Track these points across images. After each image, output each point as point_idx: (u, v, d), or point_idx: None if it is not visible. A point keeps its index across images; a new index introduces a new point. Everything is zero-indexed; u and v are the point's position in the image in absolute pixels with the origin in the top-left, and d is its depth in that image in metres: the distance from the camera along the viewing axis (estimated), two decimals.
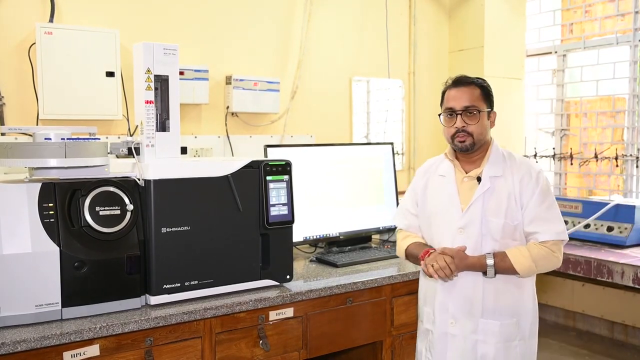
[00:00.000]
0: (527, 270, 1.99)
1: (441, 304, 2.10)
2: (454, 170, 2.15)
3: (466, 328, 2.06)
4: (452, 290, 2.08)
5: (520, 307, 2.08)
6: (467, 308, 2.06)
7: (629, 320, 4.02)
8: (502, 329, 2.04)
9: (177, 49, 2.11)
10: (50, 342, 1.72)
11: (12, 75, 2.75)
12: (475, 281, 2.05)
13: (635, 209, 3.21)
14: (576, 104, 4.32)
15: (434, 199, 2.18)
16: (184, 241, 2.02)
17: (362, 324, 2.43)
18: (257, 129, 3.51)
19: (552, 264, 2.04)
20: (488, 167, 2.07)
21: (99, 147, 1.93)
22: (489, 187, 2.05)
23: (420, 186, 2.25)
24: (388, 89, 4.21)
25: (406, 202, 2.31)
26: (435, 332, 2.13)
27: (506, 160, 2.09)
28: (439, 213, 2.14)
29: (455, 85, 2.10)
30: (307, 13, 3.67)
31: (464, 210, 2.06)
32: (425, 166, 2.31)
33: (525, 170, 2.06)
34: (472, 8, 4.25)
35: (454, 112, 2.07)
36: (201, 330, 2.03)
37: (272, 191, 2.22)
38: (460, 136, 2.06)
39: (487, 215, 2.03)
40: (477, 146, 2.08)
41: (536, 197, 2.02)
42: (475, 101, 2.05)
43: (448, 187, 2.13)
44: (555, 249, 2.02)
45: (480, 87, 2.09)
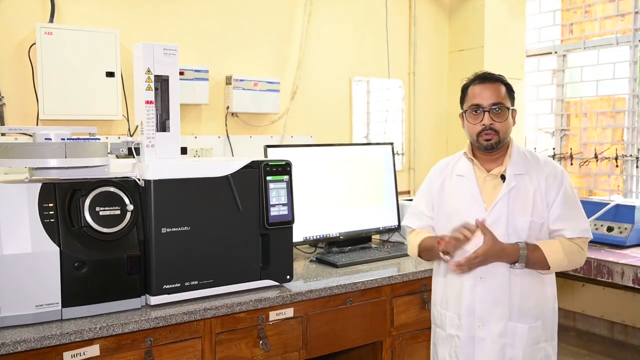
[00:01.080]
0: (558, 263, 1.96)
1: (467, 306, 2.04)
2: (474, 169, 2.09)
3: (494, 331, 2.00)
4: (479, 291, 2.01)
5: (544, 307, 2.05)
6: (494, 309, 2.00)
7: (629, 321, 4.02)
8: (530, 331, 2.00)
9: (177, 49, 2.11)
10: (50, 342, 1.72)
11: (12, 75, 2.75)
12: (502, 280, 1.99)
13: (635, 209, 3.21)
14: (576, 104, 4.32)
15: (452, 200, 2.11)
16: (184, 241, 2.02)
17: (362, 324, 2.43)
18: (257, 129, 3.51)
19: (580, 260, 2.02)
20: (511, 165, 2.03)
21: (99, 147, 1.93)
22: (514, 185, 2.00)
23: (436, 187, 2.17)
24: (388, 89, 4.21)
25: (420, 204, 2.24)
26: (462, 336, 2.05)
27: (528, 159, 2.06)
28: (461, 213, 2.04)
29: (481, 81, 2.04)
30: (307, 13, 3.67)
31: (489, 209, 2.00)
32: (440, 166, 2.23)
33: (551, 169, 2.04)
34: (472, 8, 4.25)
35: (481, 108, 2.00)
36: (201, 331, 2.03)
37: (272, 191, 2.22)
38: (486, 134, 2.00)
39: (513, 213, 1.99)
40: (501, 144, 2.03)
41: (562, 196, 2.00)
42: (502, 98, 2.01)
43: (469, 186, 2.07)
44: (583, 246, 2.01)
45: (505, 85, 2.05)
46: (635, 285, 2.84)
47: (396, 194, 3.13)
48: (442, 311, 2.14)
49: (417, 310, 2.59)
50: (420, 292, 2.59)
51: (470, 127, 2.04)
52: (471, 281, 2.03)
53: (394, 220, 3.08)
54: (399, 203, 3.12)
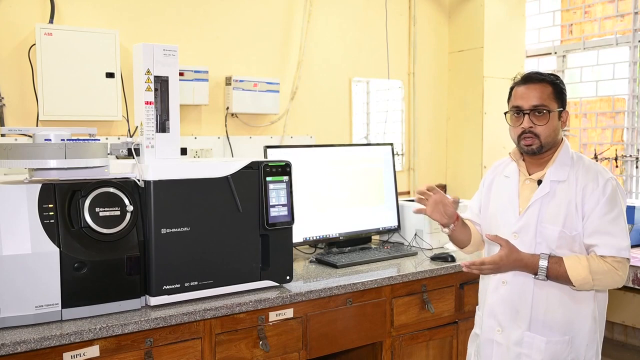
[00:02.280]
0: (581, 281, 1.82)
1: (489, 309, 2.03)
2: (518, 171, 2.04)
3: (511, 338, 1.96)
4: (501, 296, 1.98)
5: (574, 324, 1.91)
6: (514, 317, 1.95)
7: (629, 321, 4.02)
8: (549, 346, 1.90)
9: (176, 49, 2.11)
10: (50, 343, 1.72)
11: (12, 76, 2.75)
12: (524, 288, 1.93)
13: (635, 209, 3.21)
14: (576, 104, 4.32)
15: (495, 200, 2.10)
16: (184, 242, 2.02)
17: (362, 325, 2.43)
18: (257, 129, 3.51)
19: (613, 281, 1.85)
20: (552, 170, 1.95)
21: (99, 148, 1.93)
22: (548, 192, 1.92)
23: (486, 185, 2.17)
24: (388, 89, 4.21)
25: (473, 202, 2.26)
26: (482, 337, 2.07)
27: (574, 164, 1.95)
28: (498, 215, 2.05)
29: (524, 82, 1.96)
30: (307, 13, 3.67)
31: (521, 214, 1.96)
32: (495, 165, 2.21)
33: (592, 176, 1.90)
34: (472, 9, 4.25)
35: (521, 111, 1.93)
36: (201, 331, 2.03)
37: (271, 192, 2.22)
38: (527, 138, 1.93)
39: (543, 221, 1.91)
40: (545, 149, 1.94)
41: (600, 207, 1.85)
42: (545, 100, 1.91)
43: (509, 189, 2.04)
44: (618, 266, 1.83)
45: (552, 85, 1.95)
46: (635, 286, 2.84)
47: (396, 194, 3.13)
48: (477, 309, 2.19)
49: (417, 311, 2.59)
50: (420, 293, 2.59)
51: (512, 130, 1.99)
52: (494, 284, 2.01)
53: (393, 221, 3.08)
54: (398, 203, 3.12)
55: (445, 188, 4.41)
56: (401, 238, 3.12)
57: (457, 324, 2.75)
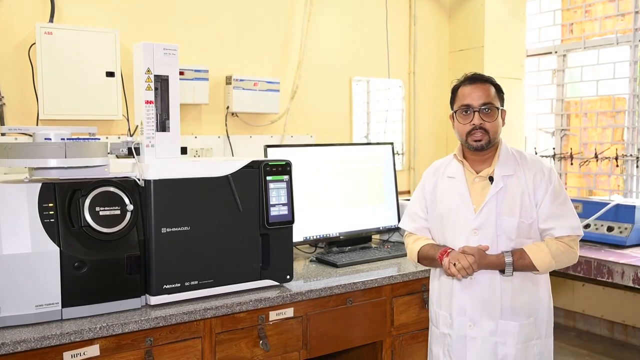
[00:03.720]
0: (546, 266, 1.99)
1: (459, 306, 2.07)
2: (464, 170, 2.11)
3: (485, 330, 2.03)
4: (469, 291, 2.05)
5: (536, 305, 2.06)
6: (485, 309, 2.03)
7: (629, 320, 4.01)
8: (522, 329, 2.02)
9: (177, 49, 2.11)
10: (50, 342, 1.72)
11: (12, 75, 2.75)
12: (492, 280, 2.02)
13: (635, 209, 3.21)
14: (576, 104, 4.32)
15: (444, 201, 2.13)
16: (184, 241, 2.02)
17: (362, 324, 2.42)
18: (257, 129, 3.51)
19: (570, 258, 2.03)
20: (499, 166, 2.05)
21: (99, 147, 1.93)
22: (502, 187, 2.02)
23: (429, 189, 2.20)
24: (388, 89, 4.21)
25: (414, 206, 2.26)
26: (453, 335, 2.09)
27: (517, 159, 2.07)
28: (451, 215, 2.10)
29: (471, 82, 2.06)
30: (307, 13, 3.67)
31: (477, 211, 2.03)
32: (433, 168, 2.25)
33: (538, 167, 2.05)
34: (472, 8, 4.25)
35: (471, 108, 2.02)
36: (201, 331, 2.03)
37: (272, 191, 2.22)
38: (476, 134, 2.01)
39: (501, 214, 2.01)
40: (491, 144, 2.04)
41: (550, 194, 2.01)
42: (492, 98, 2.03)
43: (459, 188, 2.09)
44: (572, 244, 2.02)
45: (494, 86, 2.07)
46: (635, 285, 2.84)
47: (396, 193, 3.13)
48: (437, 310, 2.18)
49: (417, 310, 2.59)
50: (420, 292, 2.59)
51: (460, 127, 2.07)
52: (462, 283, 2.06)
53: (394, 220, 3.08)
54: (399, 203, 3.12)
55: None
56: (401, 237, 3.11)
57: None
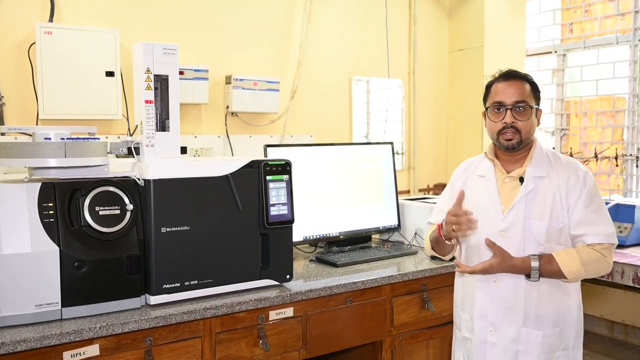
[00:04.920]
0: (575, 274, 1.87)
1: (480, 310, 2.01)
2: (494, 170, 2.04)
3: (506, 337, 1.96)
4: (492, 295, 1.98)
5: (564, 315, 1.96)
6: (507, 315, 1.96)
7: (629, 320, 4.02)
8: (545, 339, 1.93)
9: (176, 48, 2.11)
10: (50, 342, 1.72)
11: (11, 75, 2.75)
12: (517, 285, 1.93)
13: (635, 208, 3.21)
14: (576, 103, 4.32)
15: (472, 201, 2.04)
16: (184, 241, 2.02)
17: (362, 324, 2.42)
18: (257, 128, 3.51)
19: (602, 268, 1.91)
20: (532, 167, 1.97)
21: (99, 146, 1.93)
22: (532, 188, 1.94)
23: (458, 187, 2.13)
24: (388, 88, 4.21)
25: (442, 203, 2.21)
26: (474, 340, 2.03)
27: (551, 160, 1.99)
28: (479, 215, 2.00)
29: (505, 79, 1.99)
30: (307, 13, 3.67)
31: (505, 212, 1.96)
32: (464, 166, 2.20)
33: (572, 170, 1.96)
34: (472, 8, 4.25)
35: (503, 106, 1.95)
36: (201, 330, 2.03)
37: (272, 191, 2.22)
38: (507, 133, 1.94)
39: (530, 217, 1.92)
40: (523, 144, 1.96)
41: (583, 199, 1.91)
42: (526, 96, 1.95)
43: (488, 187, 2.02)
44: (605, 252, 1.89)
45: (530, 83, 2.00)
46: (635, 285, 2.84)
47: (396, 193, 3.13)
48: (460, 313, 2.14)
49: (417, 310, 2.59)
50: (420, 292, 2.59)
51: (492, 125, 1.99)
52: (484, 284, 1.99)
53: (393, 220, 3.08)
54: (398, 202, 3.12)
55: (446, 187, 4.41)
56: (401, 237, 3.12)
57: None
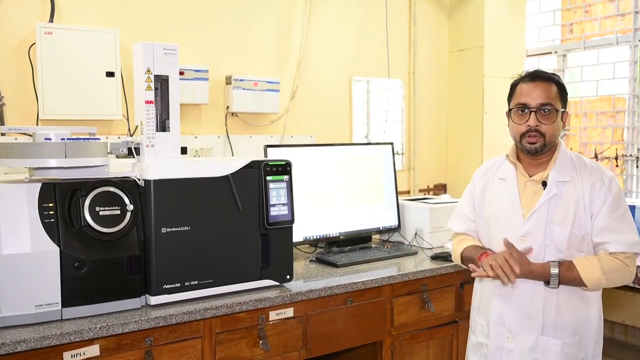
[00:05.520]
0: (595, 282, 1.82)
1: (497, 316, 1.97)
2: (516, 173, 1.99)
3: (524, 345, 1.92)
4: (510, 301, 1.94)
5: (584, 324, 1.91)
6: (525, 322, 1.92)
7: (629, 320, 4.01)
8: (564, 348, 1.88)
9: (177, 49, 2.11)
10: (50, 342, 1.72)
11: (12, 75, 2.75)
12: (535, 292, 1.89)
13: (635, 209, 3.21)
14: (576, 104, 4.32)
15: (492, 204, 2.02)
16: (184, 241, 2.02)
17: (362, 324, 2.42)
18: (257, 129, 3.51)
19: (624, 277, 1.86)
20: (555, 171, 1.91)
21: (99, 147, 1.93)
22: (555, 193, 1.88)
23: (479, 189, 2.10)
24: (388, 88, 4.21)
25: (464, 206, 2.17)
26: (490, 346, 1.99)
27: (575, 165, 1.93)
28: (499, 219, 1.98)
29: (531, 79, 1.92)
30: (307, 13, 3.67)
31: (526, 217, 1.91)
32: (485, 167, 2.15)
33: (597, 176, 1.89)
34: (472, 8, 4.25)
35: (528, 108, 1.88)
36: (201, 330, 2.03)
37: (272, 191, 2.22)
38: (531, 136, 1.88)
39: (551, 223, 1.87)
40: (547, 148, 1.90)
41: (608, 205, 1.85)
42: (552, 99, 1.88)
43: (509, 191, 1.97)
44: (628, 262, 1.84)
45: (557, 85, 1.92)
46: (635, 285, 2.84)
47: (396, 193, 3.13)
48: (476, 317, 2.11)
49: (417, 310, 2.59)
50: (420, 292, 2.59)
51: (515, 127, 1.94)
52: (502, 291, 1.96)
53: (394, 220, 3.08)
54: (399, 203, 3.12)
55: (446, 187, 4.41)
56: (401, 237, 3.12)
57: (458, 323, 2.74)
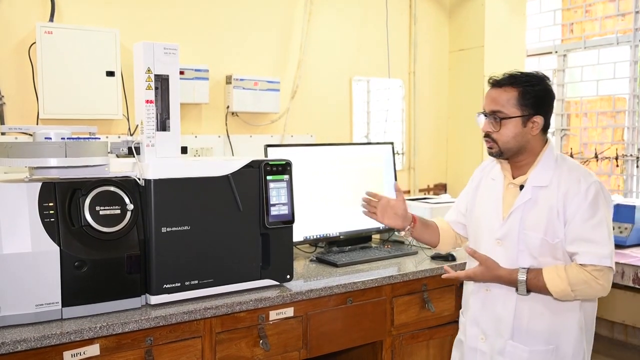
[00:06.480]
0: (561, 293, 1.76)
1: (472, 316, 2.00)
2: (503, 174, 1.98)
3: (494, 347, 1.92)
4: (484, 303, 1.95)
5: (560, 333, 1.86)
6: (496, 326, 1.91)
7: (629, 320, 4.01)
8: (532, 355, 1.85)
9: (177, 48, 2.11)
10: (51, 341, 1.72)
11: (12, 74, 2.75)
12: (507, 297, 1.88)
13: (635, 209, 3.21)
14: (576, 103, 4.32)
15: (480, 203, 2.03)
16: (184, 241, 2.02)
17: (362, 324, 2.42)
18: (258, 128, 3.51)
19: (593, 291, 1.76)
20: (534, 175, 1.87)
21: (99, 146, 1.93)
22: (529, 199, 1.85)
23: (473, 187, 2.11)
24: (388, 88, 4.21)
25: (460, 200, 2.21)
26: (466, 344, 2.04)
27: (557, 168, 1.86)
28: (483, 218, 1.99)
29: (490, 85, 1.92)
30: (308, 13, 3.67)
31: (503, 220, 1.90)
32: (483, 165, 2.15)
33: (575, 181, 1.80)
34: (473, 8, 4.25)
35: (482, 114, 1.90)
36: (201, 330, 2.03)
37: (272, 191, 2.21)
38: (487, 142, 1.90)
39: (525, 229, 1.84)
40: (507, 154, 1.89)
41: (582, 213, 1.76)
42: (503, 106, 1.84)
43: (494, 192, 1.97)
44: (598, 275, 1.73)
45: (522, 89, 1.84)
46: (635, 285, 2.84)
47: None
48: (461, 315, 2.16)
49: (418, 310, 2.59)
50: (420, 292, 2.59)
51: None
52: (476, 291, 1.99)
53: None
54: None
55: (446, 187, 4.41)
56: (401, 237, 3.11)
57: (458, 323, 2.74)
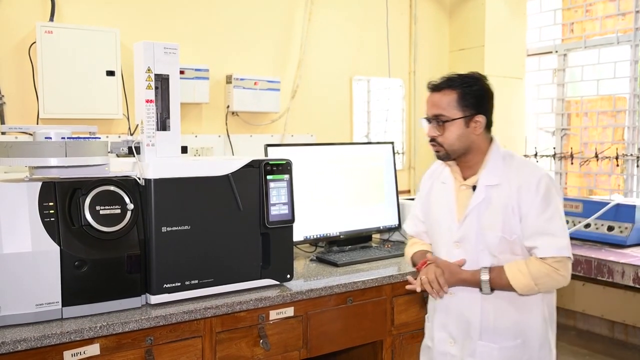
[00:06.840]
0: (525, 288, 1.80)
1: (439, 322, 2.01)
2: (453, 176, 1.99)
3: (465, 350, 1.93)
4: (450, 308, 1.96)
5: (525, 327, 1.89)
6: (464, 328, 1.93)
7: (630, 320, 4.01)
8: (502, 352, 1.87)
9: (177, 48, 2.11)
10: (51, 341, 1.72)
11: (12, 74, 2.75)
12: (472, 299, 1.90)
13: (635, 208, 3.21)
14: (577, 103, 4.32)
15: (435, 208, 2.04)
16: (185, 240, 2.02)
17: (363, 324, 2.42)
18: (258, 128, 3.51)
19: (555, 282, 1.81)
20: (484, 174, 1.89)
21: (100, 146, 1.93)
22: (484, 198, 1.86)
23: (425, 192, 2.13)
24: (388, 88, 4.21)
25: (416, 208, 2.20)
26: (434, 350, 2.03)
27: (505, 166, 1.88)
28: (439, 223, 2.00)
29: (430, 90, 1.93)
30: (308, 12, 3.67)
31: (460, 222, 1.91)
32: (430, 170, 2.16)
33: (525, 176, 1.84)
34: (473, 7, 4.25)
35: (425, 119, 1.93)
36: (201, 330, 2.03)
37: (272, 190, 2.21)
38: (433, 145, 1.91)
39: (482, 228, 1.86)
40: (454, 156, 1.91)
41: (536, 208, 1.80)
42: (444, 109, 1.86)
43: (446, 195, 1.98)
44: (558, 266, 1.78)
45: (460, 90, 1.87)
46: (635, 285, 2.84)
47: (396, 193, 3.13)
48: (427, 321, 2.16)
49: (418, 310, 2.59)
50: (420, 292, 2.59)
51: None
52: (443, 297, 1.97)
53: (394, 220, 3.08)
54: (399, 202, 3.12)
55: None
56: (402, 237, 3.11)
57: None
